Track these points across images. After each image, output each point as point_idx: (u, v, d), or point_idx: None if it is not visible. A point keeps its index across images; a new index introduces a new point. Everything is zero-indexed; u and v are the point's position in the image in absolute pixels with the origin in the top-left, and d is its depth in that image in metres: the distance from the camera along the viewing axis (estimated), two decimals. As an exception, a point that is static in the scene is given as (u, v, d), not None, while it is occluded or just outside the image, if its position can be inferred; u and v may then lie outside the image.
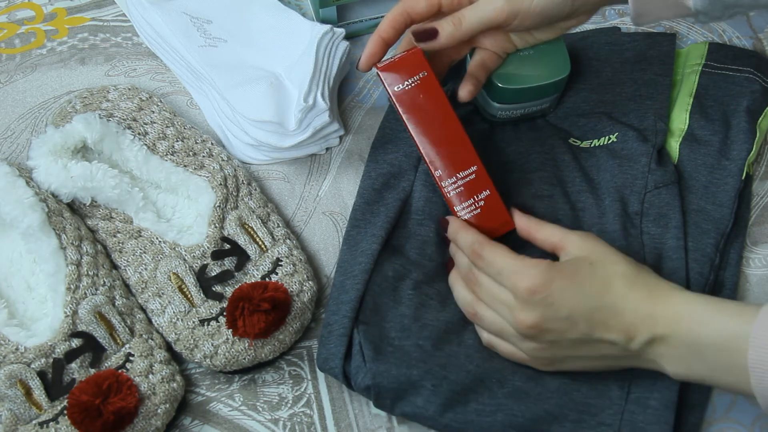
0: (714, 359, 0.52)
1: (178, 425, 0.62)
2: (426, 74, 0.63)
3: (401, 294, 0.64)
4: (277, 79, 0.74)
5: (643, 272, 0.56)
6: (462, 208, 0.63)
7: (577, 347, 0.56)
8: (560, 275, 0.55)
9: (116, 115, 0.72)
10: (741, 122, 0.71)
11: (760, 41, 0.81)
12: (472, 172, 0.63)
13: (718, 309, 0.52)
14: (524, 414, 0.58)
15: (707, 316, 0.52)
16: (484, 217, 0.63)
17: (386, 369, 0.60)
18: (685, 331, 0.52)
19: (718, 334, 0.51)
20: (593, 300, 0.54)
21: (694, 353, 0.52)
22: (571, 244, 0.57)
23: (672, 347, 0.53)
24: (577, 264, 0.56)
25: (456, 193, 0.63)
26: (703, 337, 0.52)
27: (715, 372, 0.52)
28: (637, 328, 0.53)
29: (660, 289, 0.55)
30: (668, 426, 0.58)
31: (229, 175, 0.69)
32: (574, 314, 0.54)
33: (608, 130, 0.71)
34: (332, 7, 0.78)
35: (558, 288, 0.54)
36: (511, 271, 0.56)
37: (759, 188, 0.72)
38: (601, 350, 0.55)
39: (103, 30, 0.83)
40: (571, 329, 0.55)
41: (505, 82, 0.68)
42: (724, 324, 0.51)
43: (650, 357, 0.55)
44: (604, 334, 0.54)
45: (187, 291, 0.63)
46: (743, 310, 0.52)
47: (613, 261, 0.56)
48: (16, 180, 0.66)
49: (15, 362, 0.59)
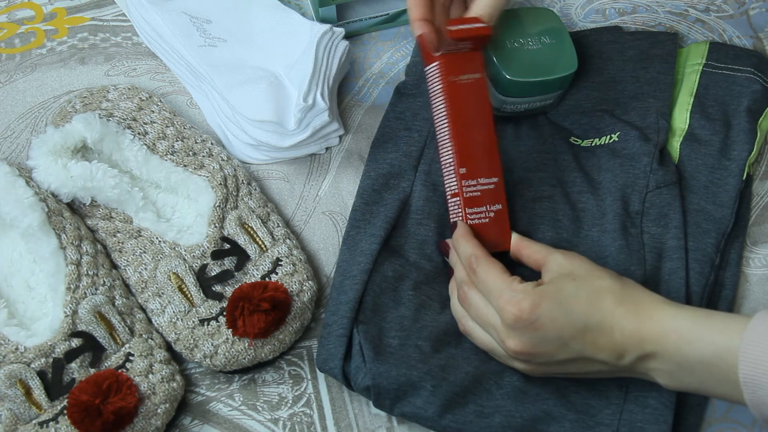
0: (705, 374, 0.51)
1: (178, 425, 0.62)
2: (480, 76, 0.64)
3: (401, 294, 0.64)
4: (276, 79, 0.74)
5: (628, 286, 0.55)
6: (473, 212, 0.63)
7: (569, 365, 0.56)
8: (546, 299, 0.54)
9: (116, 115, 0.72)
10: (742, 122, 0.71)
11: (760, 41, 0.81)
12: (492, 182, 0.63)
13: (705, 324, 0.52)
14: (522, 415, 0.58)
15: (695, 333, 0.51)
16: (489, 228, 0.63)
17: (386, 370, 0.60)
18: (673, 348, 0.52)
19: (707, 350, 0.51)
20: (581, 319, 0.53)
21: (684, 369, 0.52)
22: (553, 261, 0.57)
23: (662, 363, 0.53)
24: (561, 283, 0.55)
25: (472, 196, 0.63)
26: (691, 353, 0.51)
27: (707, 385, 0.52)
28: (625, 346, 0.53)
29: (646, 304, 0.54)
30: (667, 426, 0.58)
31: (228, 174, 0.69)
32: (563, 336, 0.54)
33: (610, 129, 0.71)
34: (332, 6, 0.78)
35: (545, 312, 0.54)
36: (499, 293, 0.55)
37: (759, 188, 0.72)
38: (592, 367, 0.55)
39: (102, 30, 0.83)
40: (561, 351, 0.54)
41: (513, 74, 0.68)
42: (711, 339, 0.51)
43: (642, 371, 0.54)
44: (594, 354, 0.54)
45: (187, 291, 0.63)
46: (731, 323, 0.51)
47: (597, 276, 0.55)
48: (16, 180, 0.66)
49: (15, 362, 0.59)
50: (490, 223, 0.63)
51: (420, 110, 0.73)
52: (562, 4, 0.85)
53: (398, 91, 0.75)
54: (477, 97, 0.64)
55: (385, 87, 0.79)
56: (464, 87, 0.63)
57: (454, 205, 0.64)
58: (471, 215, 0.63)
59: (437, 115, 0.64)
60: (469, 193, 0.63)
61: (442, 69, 0.63)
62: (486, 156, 0.63)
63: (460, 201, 0.63)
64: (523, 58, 0.69)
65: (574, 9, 0.84)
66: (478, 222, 0.63)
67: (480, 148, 0.63)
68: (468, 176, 0.62)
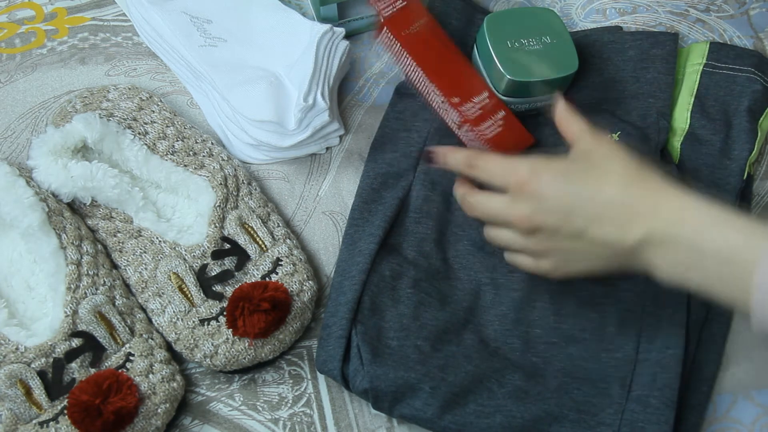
0: (713, 270, 0.48)
1: (178, 425, 0.62)
2: (426, 19, 0.70)
3: (400, 293, 0.64)
4: (277, 79, 0.74)
5: (645, 171, 0.53)
6: (485, 128, 0.67)
7: (575, 242, 0.54)
8: (549, 169, 0.54)
9: (116, 115, 0.72)
10: (742, 122, 0.71)
11: (760, 41, 0.81)
12: (485, 97, 0.67)
13: (727, 219, 0.49)
14: (523, 415, 0.58)
15: (717, 224, 0.48)
16: (506, 134, 0.67)
17: (384, 372, 0.60)
18: (689, 234, 0.49)
19: (727, 243, 0.48)
20: (584, 192, 0.53)
21: (693, 260, 0.49)
22: (581, 140, 0.57)
23: (670, 250, 0.50)
24: (574, 160, 0.55)
25: (477, 116, 0.66)
26: (707, 244, 0.48)
27: (711, 282, 0.49)
28: (636, 218, 0.51)
29: (666, 187, 0.51)
30: (668, 426, 0.58)
31: (229, 174, 0.69)
32: (567, 206, 0.53)
33: (610, 129, 0.71)
34: (333, 5, 0.78)
35: (546, 181, 0.54)
36: (503, 169, 0.56)
37: (760, 188, 0.72)
38: (595, 249, 0.54)
39: (103, 30, 0.83)
40: (566, 223, 0.53)
41: (514, 74, 0.68)
42: (732, 235, 0.48)
43: (644, 257, 0.52)
44: (597, 230, 0.52)
45: (187, 291, 0.63)
46: (754, 226, 0.48)
47: (617, 158, 0.54)
48: (16, 180, 0.66)
49: (15, 362, 0.59)
50: (504, 131, 0.67)
51: (420, 110, 0.73)
52: (562, 4, 0.85)
53: (398, 91, 0.75)
54: (433, 35, 0.70)
55: (385, 87, 0.79)
56: (418, 34, 0.70)
57: (466, 133, 0.67)
58: (484, 131, 0.66)
59: (409, 70, 0.69)
60: (472, 114, 0.66)
61: (392, 29, 0.69)
62: (467, 78, 0.69)
63: (470, 125, 0.66)
64: (523, 58, 0.69)
65: (575, 9, 0.84)
66: (494, 133, 0.66)
67: (458, 74, 0.69)
68: (462, 102, 0.66)
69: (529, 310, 0.64)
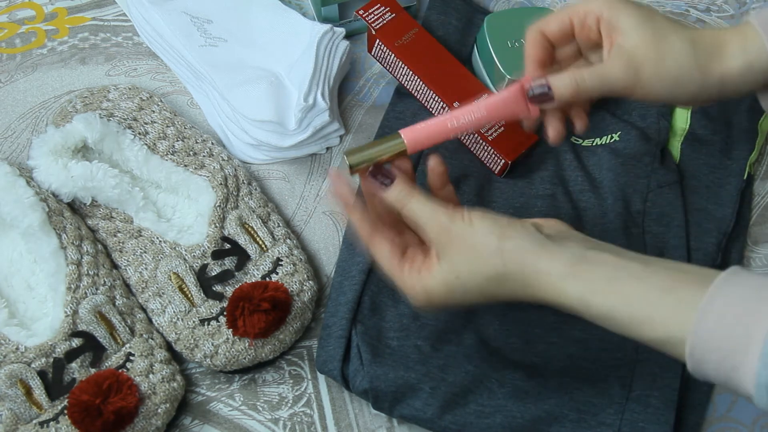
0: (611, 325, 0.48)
1: (178, 425, 0.62)
2: (417, 29, 0.72)
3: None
4: (277, 79, 0.74)
5: (512, 238, 0.51)
6: (487, 129, 0.68)
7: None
8: (437, 290, 0.51)
9: (117, 115, 0.72)
10: (742, 122, 0.71)
11: (761, 40, 0.81)
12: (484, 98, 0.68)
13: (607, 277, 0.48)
14: (523, 415, 0.58)
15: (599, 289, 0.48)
16: (509, 133, 0.68)
17: (383, 372, 0.60)
18: (575, 300, 0.48)
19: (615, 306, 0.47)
20: (485, 293, 0.51)
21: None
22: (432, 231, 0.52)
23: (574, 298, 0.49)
24: (449, 276, 0.52)
25: None
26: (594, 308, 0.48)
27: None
28: (526, 289, 0.50)
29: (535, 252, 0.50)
30: (669, 426, 0.58)
31: (229, 174, 0.69)
32: (472, 301, 0.52)
33: (611, 128, 0.71)
34: (334, 6, 0.78)
35: (439, 298, 0.52)
36: (395, 279, 0.53)
37: (760, 188, 0.72)
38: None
39: (103, 30, 0.83)
40: (475, 302, 0.52)
41: (514, 74, 0.68)
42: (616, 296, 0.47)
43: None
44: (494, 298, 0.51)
45: (188, 291, 0.63)
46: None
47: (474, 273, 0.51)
48: (17, 180, 0.66)
49: (15, 362, 0.59)
50: (507, 129, 0.68)
51: (420, 110, 0.73)
52: (562, 5, 0.85)
53: (398, 91, 0.75)
54: (425, 44, 0.72)
55: (385, 87, 0.79)
56: (410, 44, 0.71)
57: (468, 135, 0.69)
58: (489, 131, 0.68)
59: (406, 80, 0.70)
60: None
61: (384, 40, 0.71)
62: (464, 82, 0.71)
63: None
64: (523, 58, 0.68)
65: (575, 9, 0.84)
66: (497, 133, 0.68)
67: (455, 79, 0.71)
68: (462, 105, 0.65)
69: (529, 310, 0.64)
